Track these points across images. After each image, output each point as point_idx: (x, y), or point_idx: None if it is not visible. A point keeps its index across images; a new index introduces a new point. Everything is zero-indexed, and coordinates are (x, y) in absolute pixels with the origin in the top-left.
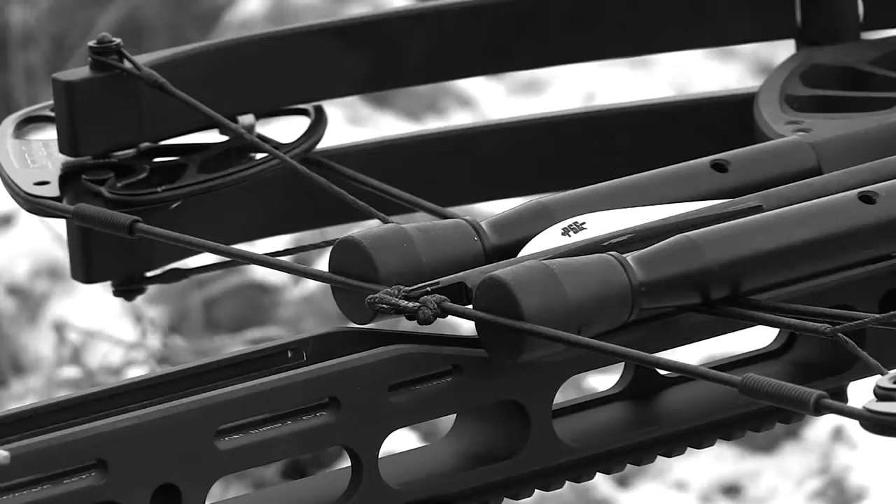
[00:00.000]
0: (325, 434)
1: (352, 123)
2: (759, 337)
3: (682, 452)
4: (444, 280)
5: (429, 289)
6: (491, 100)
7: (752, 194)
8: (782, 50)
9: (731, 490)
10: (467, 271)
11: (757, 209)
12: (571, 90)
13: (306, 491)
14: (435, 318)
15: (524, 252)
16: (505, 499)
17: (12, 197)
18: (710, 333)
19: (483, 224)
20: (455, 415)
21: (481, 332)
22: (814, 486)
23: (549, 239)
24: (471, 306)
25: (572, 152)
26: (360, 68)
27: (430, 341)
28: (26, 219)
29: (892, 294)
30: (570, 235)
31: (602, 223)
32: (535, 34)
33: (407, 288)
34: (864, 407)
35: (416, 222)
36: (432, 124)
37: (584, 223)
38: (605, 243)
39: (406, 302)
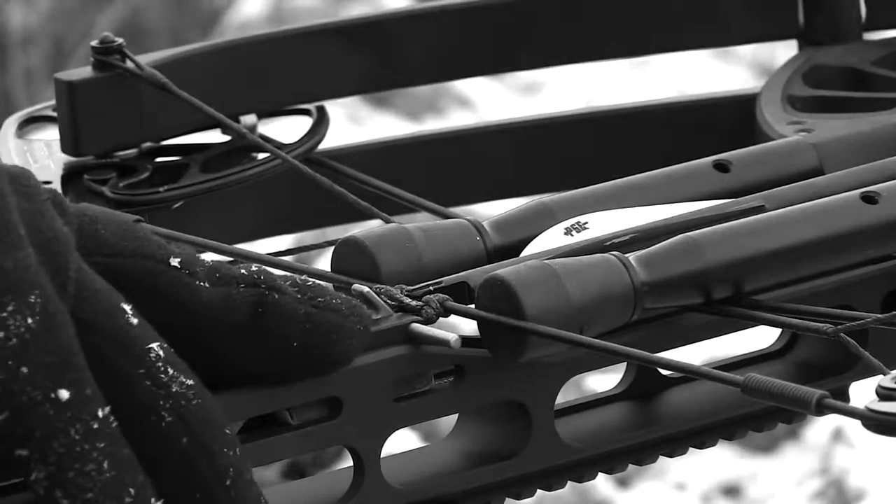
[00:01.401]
0: (326, 434)
1: (352, 123)
2: (762, 337)
3: (684, 452)
4: (447, 279)
5: (431, 288)
6: (491, 100)
7: (755, 194)
8: (782, 50)
9: (731, 490)
10: (470, 271)
11: (760, 209)
12: (571, 91)
13: (307, 491)
14: (438, 318)
15: (526, 252)
16: (507, 499)
17: None
18: (711, 333)
19: (485, 224)
20: (457, 415)
21: (483, 331)
22: (814, 487)
23: (552, 239)
24: (473, 306)
25: (573, 152)
26: (361, 68)
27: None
28: None
29: (895, 294)
30: (572, 235)
31: (605, 223)
32: (536, 34)
33: (410, 287)
34: (865, 407)
35: (417, 222)
36: (432, 124)
37: (586, 223)
38: (607, 243)
39: (409, 301)
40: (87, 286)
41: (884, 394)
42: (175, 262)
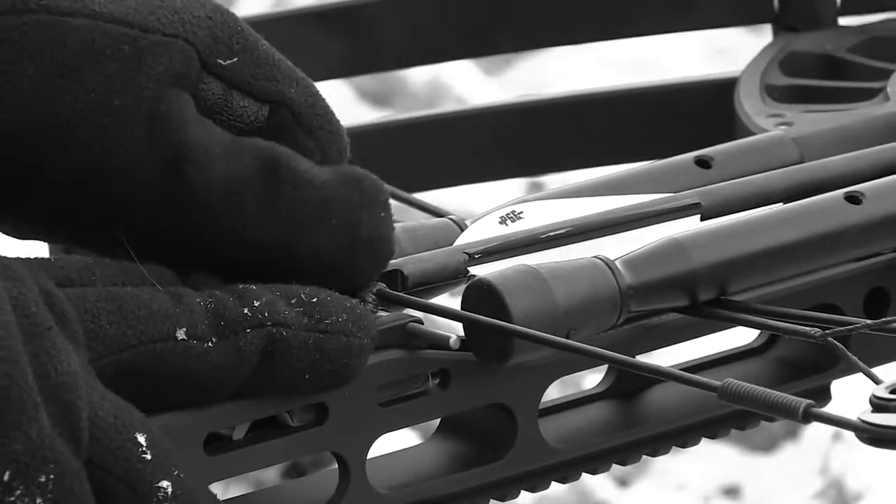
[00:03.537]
0: (312, 440)
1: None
2: (743, 334)
3: (667, 451)
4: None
5: None
6: (489, 100)
7: (692, 190)
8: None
9: (731, 491)
10: (404, 258)
11: (695, 206)
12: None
13: (294, 494)
14: (378, 308)
15: (461, 240)
16: (491, 500)
17: None
18: (696, 335)
19: (468, 223)
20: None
21: (469, 335)
22: (814, 487)
23: (487, 227)
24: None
25: (549, 136)
26: (338, 53)
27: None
28: None
29: (876, 292)
30: (507, 224)
31: (539, 213)
32: (514, 17)
33: None
34: (858, 418)
35: (403, 221)
36: None
37: (521, 212)
38: (543, 236)
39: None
40: (100, 426)
41: (878, 404)
42: (181, 333)
